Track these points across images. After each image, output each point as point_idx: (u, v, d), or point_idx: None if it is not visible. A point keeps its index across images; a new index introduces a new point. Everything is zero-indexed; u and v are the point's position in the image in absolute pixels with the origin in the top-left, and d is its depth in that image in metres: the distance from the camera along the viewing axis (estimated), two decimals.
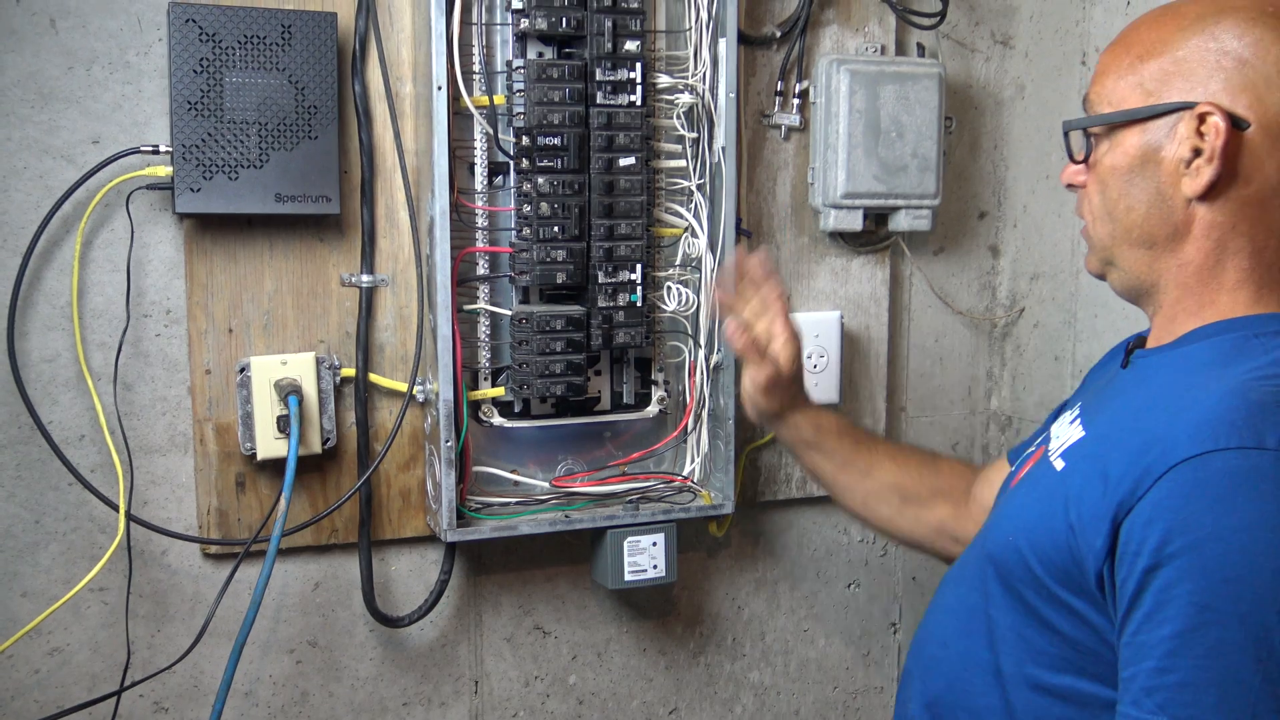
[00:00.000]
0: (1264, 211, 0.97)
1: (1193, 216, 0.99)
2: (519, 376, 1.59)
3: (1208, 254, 0.99)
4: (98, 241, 1.52)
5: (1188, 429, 0.88)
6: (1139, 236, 1.02)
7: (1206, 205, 0.98)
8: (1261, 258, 0.98)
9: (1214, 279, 0.99)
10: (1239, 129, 0.95)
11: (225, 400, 1.57)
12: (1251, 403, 0.88)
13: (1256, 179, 0.96)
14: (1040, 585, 0.98)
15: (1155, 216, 1.00)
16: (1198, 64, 0.97)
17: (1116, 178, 1.02)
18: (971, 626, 1.06)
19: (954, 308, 2.01)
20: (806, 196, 1.85)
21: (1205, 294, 1.00)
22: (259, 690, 1.66)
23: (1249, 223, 0.97)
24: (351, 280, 1.61)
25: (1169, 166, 0.98)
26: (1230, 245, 0.98)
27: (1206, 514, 0.85)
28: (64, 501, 1.54)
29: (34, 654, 1.55)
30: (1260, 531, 0.83)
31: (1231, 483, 0.85)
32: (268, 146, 1.49)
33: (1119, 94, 1.02)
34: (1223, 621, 0.83)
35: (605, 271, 1.60)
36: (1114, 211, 1.03)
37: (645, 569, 1.69)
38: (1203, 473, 0.86)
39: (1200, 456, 0.86)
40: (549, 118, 1.55)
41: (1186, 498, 0.86)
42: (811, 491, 1.92)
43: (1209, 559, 0.84)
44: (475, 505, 1.64)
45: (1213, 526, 0.84)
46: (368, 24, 1.58)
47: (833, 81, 1.78)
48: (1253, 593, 0.83)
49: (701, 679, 1.93)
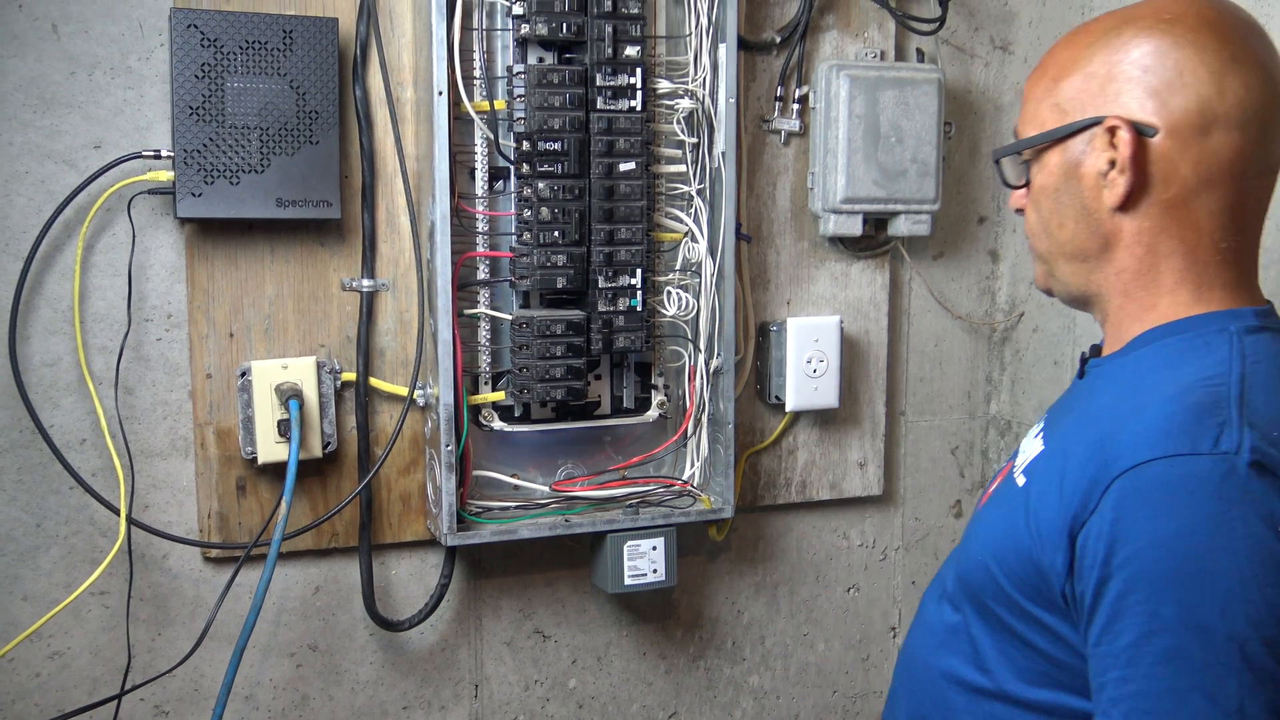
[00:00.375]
0: (1188, 212, 0.98)
1: (1120, 226, 1.00)
2: (519, 381, 1.59)
3: (1140, 260, 1.00)
4: (99, 246, 1.52)
5: (1129, 439, 0.90)
6: (1073, 251, 1.04)
7: (1130, 214, 0.99)
8: (1195, 257, 0.99)
9: (1152, 283, 1.00)
10: (1147, 136, 0.96)
11: (226, 404, 1.57)
12: (1188, 407, 0.89)
13: (1174, 181, 0.97)
14: (1012, 603, 0.99)
15: (1084, 230, 1.02)
16: (1106, 78, 0.99)
17: (1046, 197, 1.05)
18: (953, 646, 1.07)
19: (953, 312, 2.01)
20: (806, 201, 1.86)
21: (1145, 299, 1.01)
22: (259, 694, 1.67)
23: (1176, 224, 0.98)
24: (352, 285, 1.61)
25: (1089, 181, 1.00)
26: (1161, 249, 0.99)
27: (1145, 524, 0.86)
28: (65, 505, 1.54)
29: (35, 657, 1.56)
30: (1195, 536, 0.84)
31: (1166, 491, 0.86)
32: (269, 151, 1.50)
33: (1040, 117, 1.04)
34: (1169, 628, 0.85)
35: (605, 276, 1.60)
36: (1048, 229, 1.05)
37: (645, 573, 1.69)
38: (1141, 482, 0.87)
39: (1138, 467, 0.88)
40: (549, 123, 1.55)
41: (1127, 509, 0.87)
42: (811, 496, 1.92)
43: (1150, 567, 0.86)
44: (475, 509, 1.64)
45: (1151, 535, 0.86)
46: (369, 29, 1.58)
47: (832, 87, 1.79)
48: (1192, 597, 0.84)
49: (701, 683, 1.93)
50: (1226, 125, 0.95)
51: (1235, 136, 0.95)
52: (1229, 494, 0.85)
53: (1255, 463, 0.85)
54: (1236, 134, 0.95)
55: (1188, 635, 0.84)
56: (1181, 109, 0.95)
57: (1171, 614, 0.85)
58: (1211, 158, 0.96)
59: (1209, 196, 0.97)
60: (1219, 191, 0.97)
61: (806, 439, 1.91)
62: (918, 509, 2.04)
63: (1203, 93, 0.95)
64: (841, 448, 1.93)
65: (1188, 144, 0.96)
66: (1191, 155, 0.96)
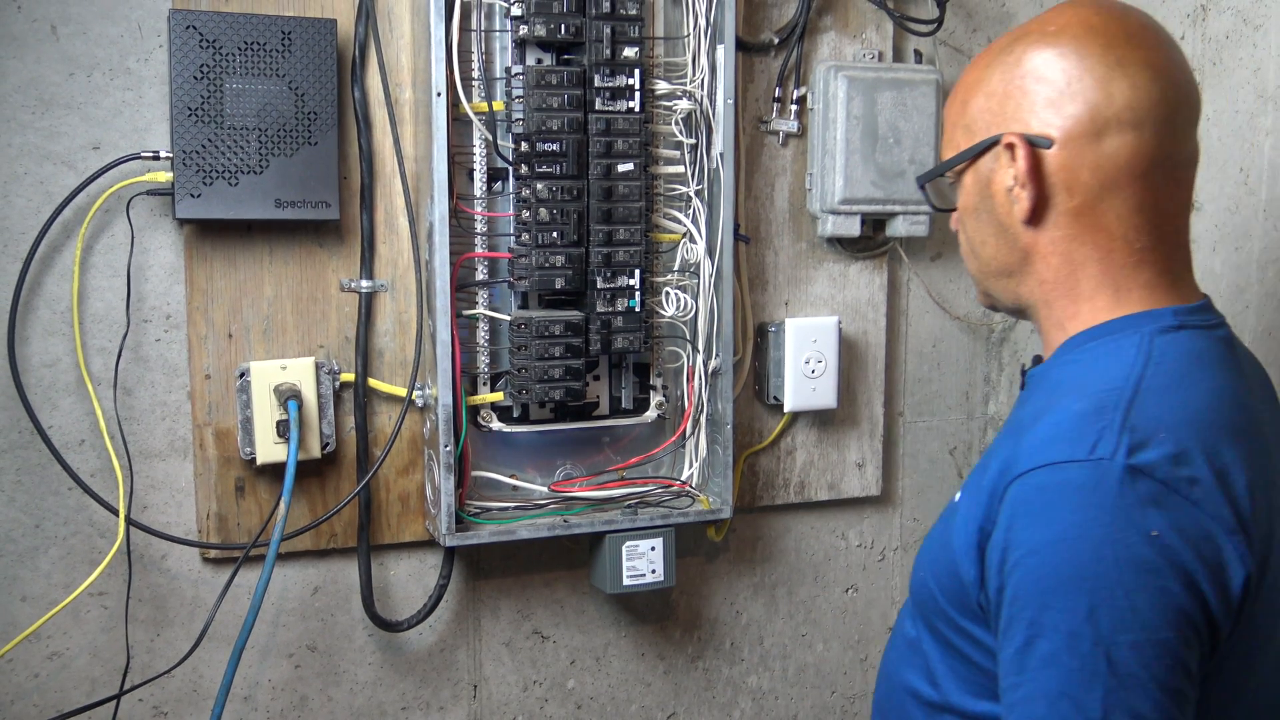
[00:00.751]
0: (1097, 217, 0.99)
1: (1034, 239, 1.02)
2: (518, 381, 1.59)
3: (1058, 270, 1.01)
4: (98, 247, 1.52)
5: (1024, 449, 0.92)
6: (997, 267, 1.06)
7: (1041, 226, 1.01)
8: (1111, 261, 0.99)
9: (1071, 291, 1.01)
10: (1042, 148, 0.98)
11: (225, 405, 1.57)
12: (1075, 415, 0.91)
13: (1077, 189, 0.98)
14: (947, 617, 1.01)
15: (1004, 246, 1.04)
16: (1003, 95, 1.01)
17: (968, 217, 1.07)
18: (910, 660, 1.09)
19: (951, 313, 2.01)
20: (804, 202, 1.86)
21: (1068, 307, 1.02)
22: (258, 695, 1.67)
23: (1087, 231, 0.99)
24: (351, 285, 1.62)
25: (1000, 198, 1.02)
26: (1076, 257, 1.00)
27: (1026, 531, 0.89)
28: (64, 506, 1.54)
29: (33, 658, 1.56)
30: (1065, 542, 0.86)
31: (1043, 499, 0.88)
32: (268, 152, 1.50)
33: (955, 140, 1.07)
34: (1045, 634, 0.86)
35: (604, 277, 1.60)
36: (974, 248, 1.08)
37: (644, 574, 1.69)
38: (1026, 490, 0.90)
39: (1024, 475, 0.90)
40: (548, 124, 1.55)
41: (1015, 517, 0.90)
42: (809, 496, 1.92)
43: (1031, 574, 0.88)
44: (474, 510, 1.64)
45: (1030, 542, 0.88)
46: (367, 30, 1.58)
47: (830, 88, 1.79)
48: (1064, 603, 0.86)
49: (700, 684, 1.93)
50: (1119, 127, 0.96)
51: (1130, 137, 0.96)
52: (1100, 500, 0.86)
53: (1131, 467, 0.86)
54: (1131, 135, 0.96)
55: (1059, 640, 0.86)
56: (1073, 117, 0.97)
57: (1047, 620, 0.87)
58: (1109, 161, 0.97)
59: (1115, 200, 0.98)
60: (1124, 193, 0.98)
61: (805, 439, 1.91)
62: (916, 509, 2.05)
63: (1091, 99, 0.96)
64: (840, 448, 1.93)
65: (1083, 151, 0.97)
66: (1089, 161, 0.97)
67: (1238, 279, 1.58)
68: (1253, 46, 1.56)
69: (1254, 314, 1.56)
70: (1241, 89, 1.58)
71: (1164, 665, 0.84)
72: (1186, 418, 0.91)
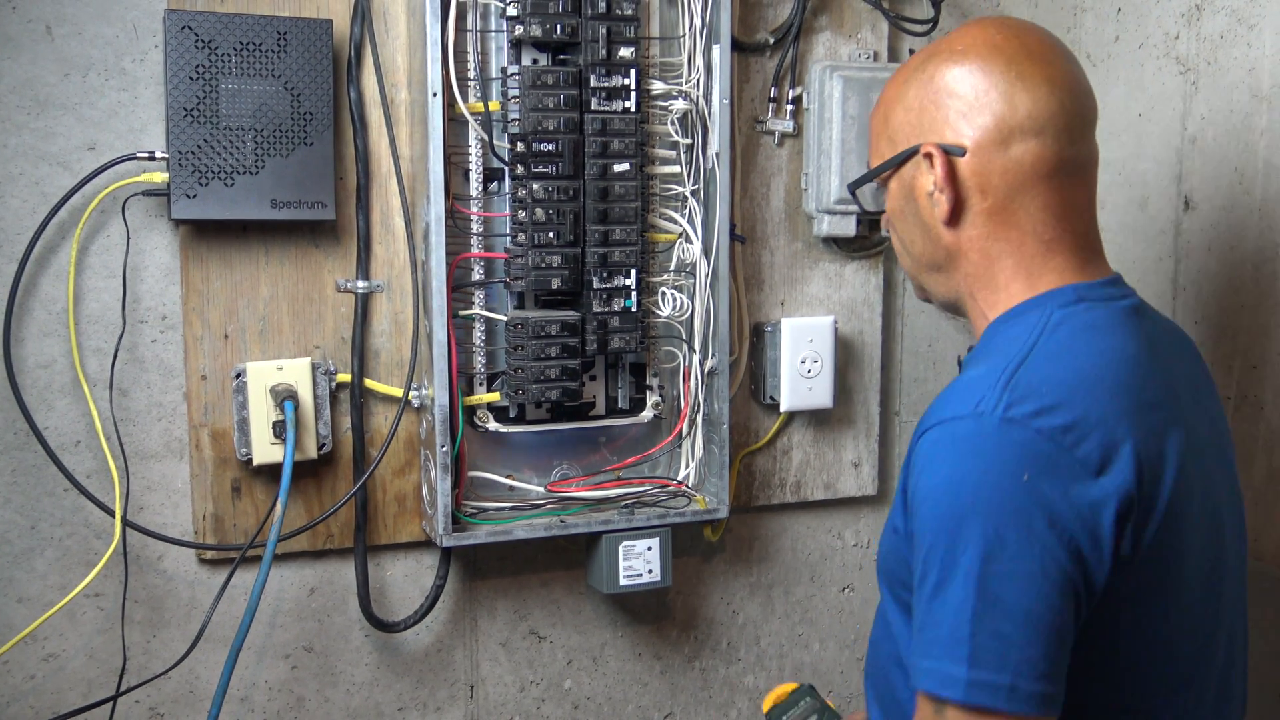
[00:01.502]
0: (1009, 215, 1.09)
1: (956, 238, 1.12)
2: (514, 382, 1.60)
3: (978, 264, 1.12)
4: (94, 248, 1.52)
5: (929, 411, 1.04)
6: (928, 263, 1.17)
7: (960, 227, 1.11)
8: (1023, 253, 1.10)
9: (991, 282, 1.12)
10: (956, 156, 1.09)
11: (221, 406, 1.57)
12: (969, 380, 1.03)
13: (989, 191, 1.08)
14: (903, 582, 1.09)
15: (929, 245, 1.15)
16: (920, 109, 1.12)
17: (896, 219, 1.18)
18: (883, 631, 1.17)
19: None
20: (800, 202, 1.86)
21: (989, 296, 1.12)
22: (254, 695, 1.67)
23: (1001, 228, 1.10)
24: (347, 286, 1.61)
25: (923, 202, 1.13)
26: (993, 251, 1.11)
27: (921, 478, 1.00)
28: (60, 507, 1.54)
29: (29, 660, 1.55)
30: (953, 487, 0.97)
31: (936, 450, 1.00)
32: (263, 153, 1.50)
33: (879, 149, 1.17)
34: (934, 568, 0.97)
35: (600, 277, 1.60)
36: (905, 247, 1.19)
37: (640, 574, 1.69)
38: (924, 445, 1.02)
39: (925, 432, 1.02)
40: (544, 124, 1.55)
41: (918, 469, 1.02)
42: (805, 496, 1.93)
43: (924, 516, 0.99)
44: (471, 510, 1.65)
45: (924, 488, 1.00)
46: (363, 31, 1.58)
47: (826, 88, 1.79)
48: (948, 540, 0.96)
49: (696, 683, 1.93)
50: (1023, 135, 1.07)
51: (1033, 144, 1.07)
52: (978, 448, 0.97)
53: (1006, 419, 0.97)
54: (1033, 141, 1.07)
55: (944, 572, 0.97)
56: (982, 127, 1.08)
57: (934, 556, 0.97)
58: (1016, 165, 1.07)
59: (1024, 199, 1.08)
60: (1031, 193, 1.08)
61: (801, 439, 1.91)
62: None
63: (997, 110, 1.07)
64: (836, 448, 1.94)
65: (993, 157, 1.08)
66: (998, 166, 1.08)
67: (1232, 278, 1.59)
68: (1247, 46, 1.57)
69: (1249, 314, 1.56)
70: (1236, 89, 1.58)
71: (1030, 594, 0.94)
72: (1069, 377, 1.00)
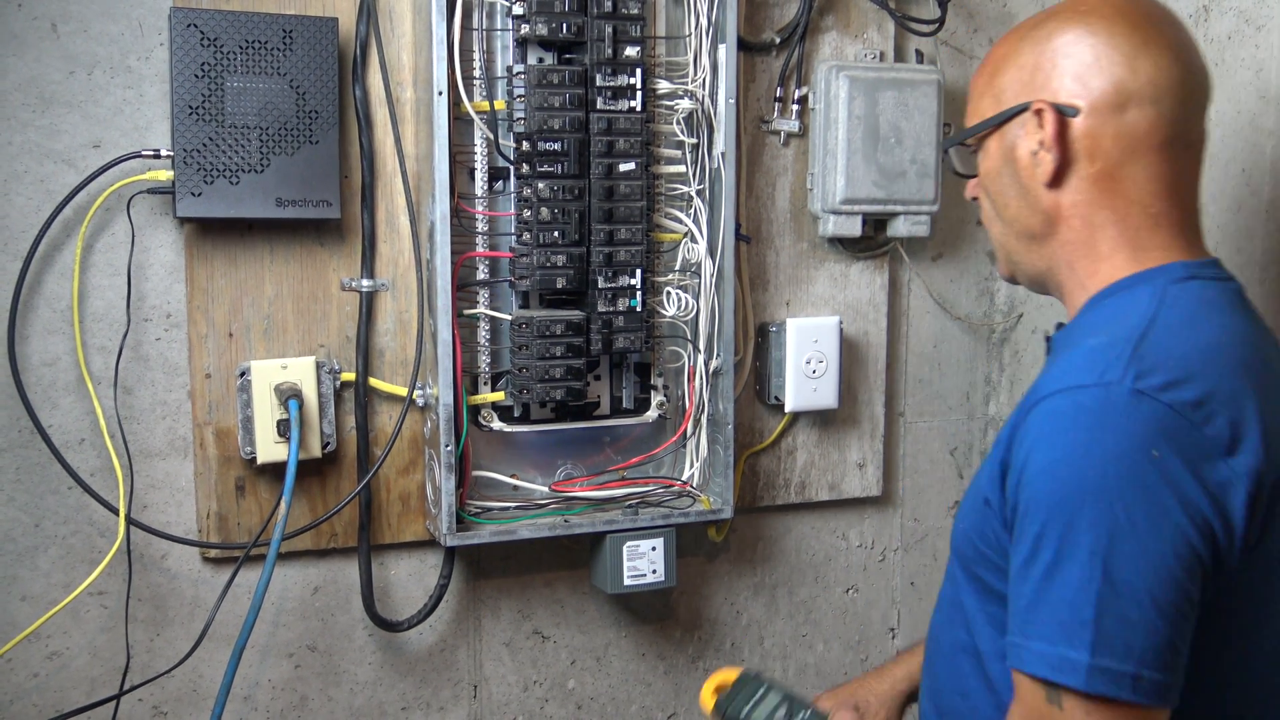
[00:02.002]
0: (1116, 183, 1.06)
1: (1056, 202, 1.08)
2: (519, 381, 1.59)
3: (1079, 232, 1.08)
4: (98, 246, 1.52)
5: (1042, 382, 1.00)
6: (1021, 230, 1.12)
7: (1062, 190, 1.08)
8: (1128, 223, 1.06)
9: (1091, 252, 1.08)
10: (1069, 116, 1.05)
11: (225, 404, 1.57)
12: (1089, 349, 0.98)
13: (1099, 156, 1.05)
14: (987, 561, 1.06)
15: (1026, 209, 1.11)
16: (1034, 67, 1.09)
17: (991, 181, 1.14)
18: (952, 617, 1.14)
19: (952, 313, 2.01)
20: (805, 202, 1.86)
21: (1088, 267, 1.08)
22: (258, 694, 1.66)
23: (1106, 195, 1.06)
24: (352, 285, 1.61)
25: (1024, 163, 1.09)
26: (1096, 220, 1.07)
27: (1037, 450, 0.95)
28: (64, 505, 1.54)
29: (33, 658, 1.55)
30: (1076, 460, 0.92)
31: (1054, 420, 0.95)
32: (269, 151, 1.49)
33: (981, 109, 1.14)
34: (1048, 545, 0.93)
35: (605, 276, 1.60)
36: (999, 210, 1.14)
37: (644, 574, 1.69)
38: (1039, 416, 0.97)
39: (1041, 402, 0.97)
40: (549, 123, 1.55)
41: (1031, 441, 0.96)
42: (810, 497, 1.92)
43: (1040, 490, 0.94)
44: (475, 510, 1.64)
45: (1041, 461, 0.95)
46: (368, 29, 1.58)
47: (832, 88, 1.79)
48: (1069, 516, 0.92)
49: (700, 684, 1.93)
50: (1140, 102, 1.04)
51: (1150, 111, 1.04)
52: (1105, 420, 0.93)
53: (1136, 390, 0.93)
54: (1151, 109, 1.04)
55: (1062, 550, 0.92)
56: (1100, 89, 1.04)
57: (1051, 532, 0.93)
58: (1130, 131, 1.04)
59: (1134, 167, 1.05)
60: (1142, 162, 1.05)
61: (805, 440, 1.91)
62: (916, 510, 2.05)
63: (1117, 74, 1.04)
64: (840, 448, 1.93)
65: (1107, 120, 1.05)
66: (1112, 130, 1.04)
67: (1240, 278, 1.58)
68: (1255, 47, 1.56)
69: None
70: (1244, 90, 1.57)
71: (1158, 578, 0.90)
72: (1194, 352, 0.97)
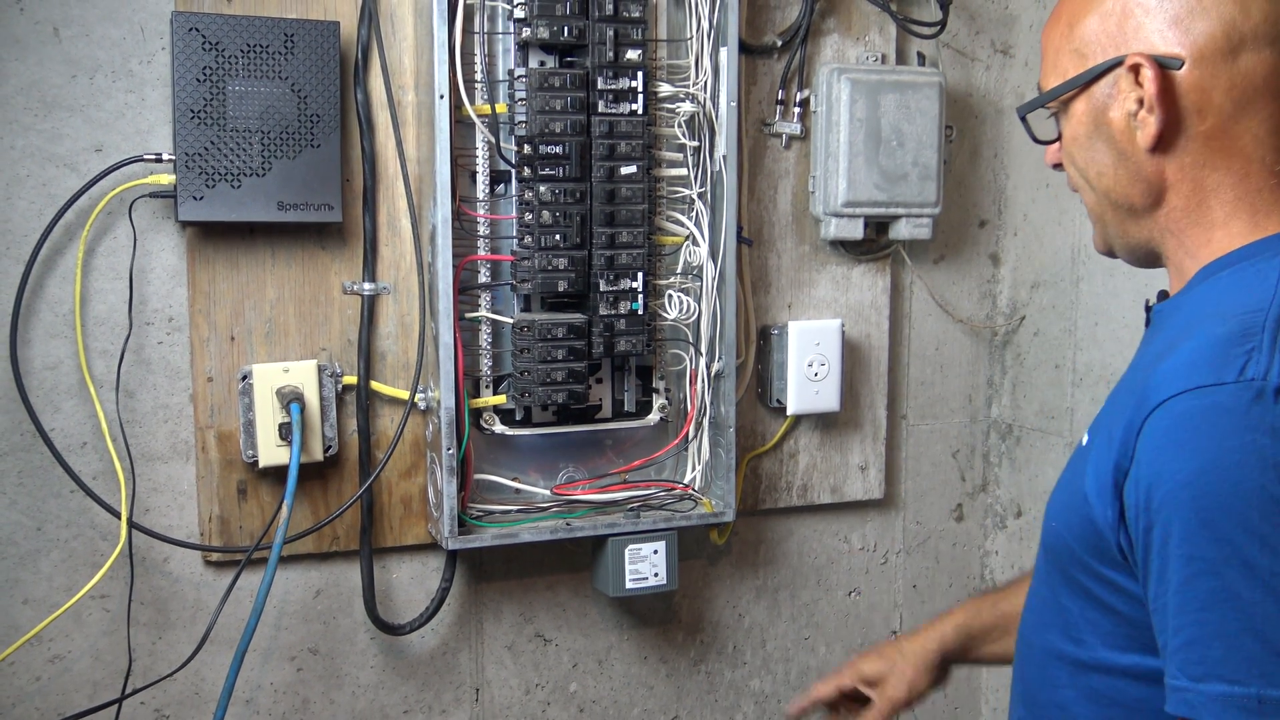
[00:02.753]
0: (1230, 140, 0.93)
1: (1160, 167, 0.95)
2: (520, 384, 1.59)
3: (1188, 198, 0.96)
4: (100, 249, 1.52)
5: (1160, 378, 0.87)
6: (1118, 198, 0.99)
7: (1169, 153, 0.95)
8: (1246, 185, 0.94)
9: (1203, 219, 0.96)
10: (1172, 69, 0.92)
11: (227, 408, 1.57)
12: (1218, 338, 0.85)
13: (1209, 111, 0.92)
14: (1086, 566, 0.95)
15: (1125, 176, 0.98)
16: (1122, 14, 0.95)
17: (1079, 147, 1.01)
18: (1046, 619, 1.03)
19: (954, 316, 2.01)
20: (807, 205, 1.86)
21: (1200, 235, 0.96)
22: (260, 698, 1.66)
23: (1220, 155, 0.94)
24: (353, 288, 1.61)
25: (1119, 125, 0.96)
26: (1208, 183, 0.95)
27: (1173, 461, 0.83)
28: (66, 509, 1.54)
29: (35, 661, 1.55)
30: (1223, 469, 0.80)
31: (1191, 425, 0.82)
32: (270, 155, 1.50)
33: (1061, 65, 1.00)
34: (1211, 569, 0.80)
35: (607, 279, 1.60)
36: (1090, 179, 1.01)
37: (646, 577, 1.69)
38: (1168, 420, 0.84)
39: (1164, 404, 0.84)
40: (551, 126, 1.55)
41: (1159, 449, 0.84)
42: (812, 500, 1.92)
43: (1184, 507, 0.82)
44: (476, 513, 1.64)
45: (1181, 474, 0.82)
46: (370, 33, 1.58)
47: (833, 90, 1.79)
48: (1229, 534, 0.80)
49: (702, 687, 1.93)
50: (1256, 43, 0.91)
51: (1267, 54, 0.91)
52: (1255, 421, 0.80)
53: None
54: (1268, 51, 0.91)
55: (1231, 574, 0.80)
56: (1206, 34, 0.91)
57: (1211, 554, 0.80)
58: (1245, 80, 0.91)
59: (1250, 120, 0.92)
60: (1261, 114, 0.92)
61: (808, 442, 1.91)
62: (919, 512, 2.04)
63: (1225, 13, 0.91)
64: (843, 451, 1.93)
65: (1218, 70, 0.91)
66: (1223, 81, 0.91)
67: None
68: None
69: None
70: None
71: None
72: None
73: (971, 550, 2.10)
